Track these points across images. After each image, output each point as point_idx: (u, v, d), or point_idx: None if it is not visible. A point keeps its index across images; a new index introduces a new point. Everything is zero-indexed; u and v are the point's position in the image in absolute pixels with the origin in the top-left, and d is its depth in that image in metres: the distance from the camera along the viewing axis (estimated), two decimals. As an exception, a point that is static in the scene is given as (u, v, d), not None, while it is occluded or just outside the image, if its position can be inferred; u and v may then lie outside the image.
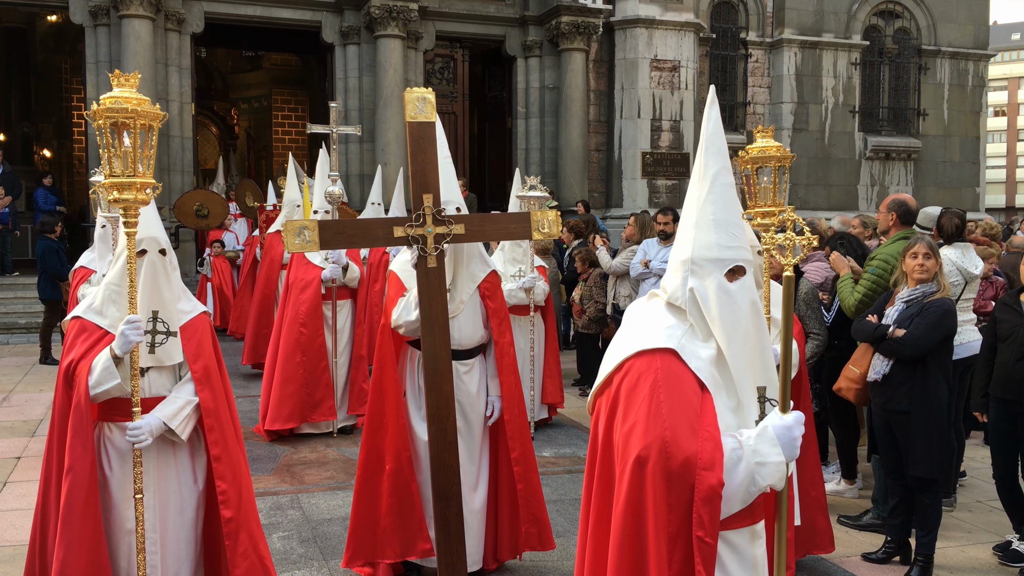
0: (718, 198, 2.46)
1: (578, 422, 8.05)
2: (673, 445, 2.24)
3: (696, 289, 2.42)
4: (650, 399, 2.30)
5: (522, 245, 7.65)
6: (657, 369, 2.34)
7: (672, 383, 2.32)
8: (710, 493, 2.23)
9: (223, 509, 3.52)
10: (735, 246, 2.44)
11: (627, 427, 2.32)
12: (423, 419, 4.23)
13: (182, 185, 14.59)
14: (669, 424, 2.26)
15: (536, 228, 4.36)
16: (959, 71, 19.45)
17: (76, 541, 3.25)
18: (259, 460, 6.71)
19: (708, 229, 2.44)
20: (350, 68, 15.33)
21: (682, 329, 2.43)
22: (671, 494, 2.25)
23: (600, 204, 16.55)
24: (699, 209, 2.47)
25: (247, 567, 3.55)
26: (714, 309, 2.39)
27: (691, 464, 2.23)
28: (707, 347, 2.40)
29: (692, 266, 2.44)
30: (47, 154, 21.67)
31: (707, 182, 2.48)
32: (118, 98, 3.24)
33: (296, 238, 3.99)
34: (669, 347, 2.38)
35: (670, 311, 2.48)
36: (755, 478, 2.31)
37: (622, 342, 2.51)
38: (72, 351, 3.43)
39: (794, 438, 2.35)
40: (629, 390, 2.36)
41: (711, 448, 2.26)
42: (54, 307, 10.67)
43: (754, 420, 2.41)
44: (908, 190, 18.53)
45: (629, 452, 2.29)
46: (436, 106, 4.29)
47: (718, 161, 2.49)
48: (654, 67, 16.18)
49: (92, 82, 13.74)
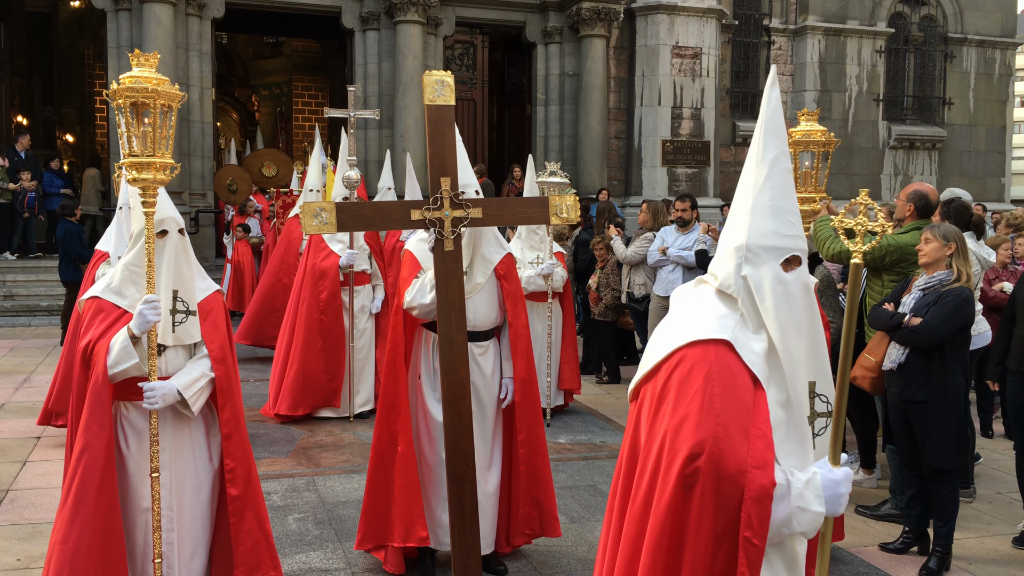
0: (776, 184, 2.37)
1: (594, 409, 8.03)
2: (725, 441, 2.16)
3: (750, 277, 2.33)
4: (703, 392, 2.21)
5: (539, 232, 7.63)
6: (711, 361, 2.25)
7: (726, 377, 2.23)
8: (761, 493, 2.15)
9: (230, 487, 3.57)
10: (792, 234, 2.35)
11: (677, 420, 2.23)
12: (438, 401, 4.23)
13: (202, 170, 14.67)
14: (722, 420, 2.18)
15: (554, 213, 4.34)
16: (986, 59, 19.17)
17: (90, 521, 3.27)
18: (276, 443, 6.74)
19: (765, 216, 2.35)
20: (370, 54, 15.31)
21: (734, 319, 2.33)
22: (720, 492, 2.16)
23: (619, 192, 16.47)
24: (755, 194, 2.37)
25: (252, 544, 3.60)
26: (769, 300, 2.30)
27: (743, 462, 2.16)
28: (759, 339, 2.31)
29: (747, 253, 2.34)
30: (70, 139, 21.85)
31: (765, 166, 2.38)
32: (138, 78, 3.25)
33: (314, 219, 3.98)
34: (724, 338, 2.29)
35: (720, 299, 2.39)
36: (792, 521, 2.23)
37: (671, 329, 2.40)
38: (90, 331, 3.44)
39: (840, 495, 2.27)
40: (680, 381, 2.26)
41: (763, 447, 2.18)
42: (75, 289, 10.74)
43: (805, 416, 2.33)
44: (932, 180, 18.31)
45: (679, 446, 2.20)
46: (455, 93, 4.26)
47: (777, 145, 2.40)
48: (675, 54, 16.06)
49: (113, 67, 13.82)
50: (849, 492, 2.31)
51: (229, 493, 3.57)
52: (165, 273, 3.46)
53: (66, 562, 3.25)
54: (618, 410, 8.00)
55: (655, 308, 8.24)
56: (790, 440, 2.29)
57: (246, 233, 13.13)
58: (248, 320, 9.80)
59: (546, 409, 7.33)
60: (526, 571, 4.50)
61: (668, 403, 2.28)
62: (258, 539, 3.63)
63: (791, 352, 2.30)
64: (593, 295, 9.15)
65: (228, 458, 3.57)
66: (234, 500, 3.57)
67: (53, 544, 3.31)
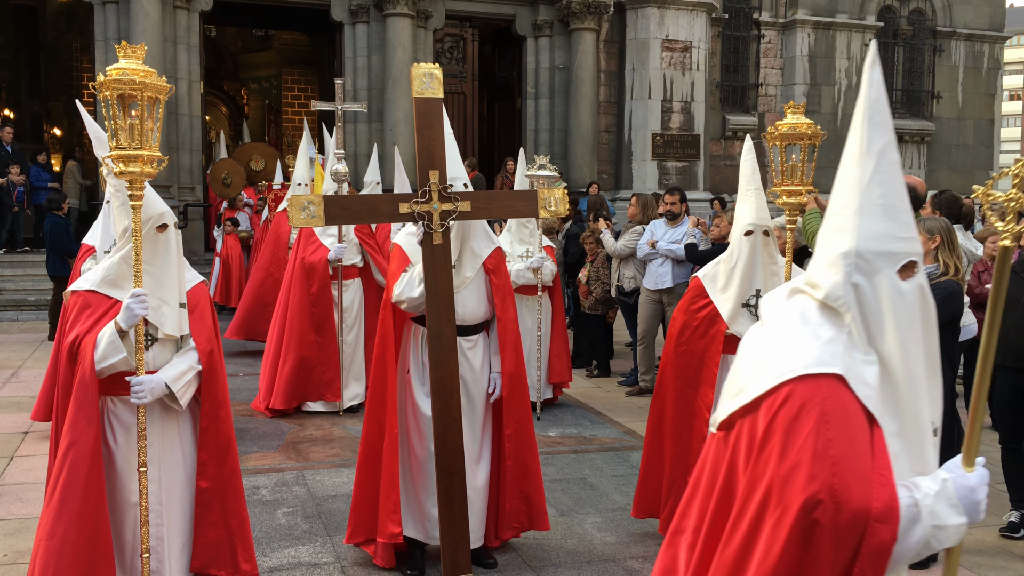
0: (886, 179, 2.08)
1: (584, 402, 8.04)
2: (843, 493, 1.91)
3: (862, 288, 2.05)
4: (816, 437, 1.95)
5: (529, 225, 7.63)
6: (823, 400, 1.97)
7: (841, 418, 1.97)
8: (880, 549, 1.92)
9: (199, 479, 3.58)
10: (908, 237, 2.06)
11: (787, 467, 1.97)
12: (427, 395, 4.22)
13: (191, 164, 14.59)
14: (839, 468, 1.92)
15: (543, 206, 4.34)
16: (974, 53, 19.24)
17: (77, 518, 3.24)
18: (265, 437, 6.73)
19: (876, 216, 2.06)
20: (359, 47, 15.25)
21: (842, 341, 2.05)
22: (838, 548, 1.93)
23: (609, 186, 16.47)
24: (863, 191, 2.07)
25: (213, 537, 3.60)
26: (886, 313, 2.04)
27: (863, 515, 1.92)
28: (869, 362, 2.05)
29: (857, 260, 2.05)
30: (57, 133, 21.70)
31: (872, 159, 2.09)
32: (125, 69, 3.22)
33: (301, 213, 3.97)
34: (835, 372, 2.01)
35: (824, 315, 2.10)
36: (931, 543, 1.98)
37: (770, 354, 2.11)
38: (76, 327, 3.41)
39: (978, 502, 2.01)
40: (788, 423, 1.99)
41: (887, 497, 1.93)
42: (63, 284, 10.70)
43: (926, 441, 2.09)
44: (920, 173, 18.38)
45: (790, 499, 1.94)
46: (445, 86, 4.25)
47: (883, 134, 2.12)
48: (665, 47, 16.05)
49: (101, 60, 13.72)
50: (986, 496, 2.05)
51: (198, 485, 3.58)
52: (176, 265, 3.51)
53: (52, 558, 3.22)
54: (608, 403, 8.02)
55: (644, 301, 8.25)
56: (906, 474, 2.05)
57: (235, 227, 13.08)
58: (240, 315, 9.78)
59: (536, 403, 7.34)
60: (515, 564, 4.50)
61: (774, 447, 2.00)
62: (220, 534, 3.61)
63: (910, 371, 2.05)
64: (583, 289, 9.15)
65: (202, 450, 3.58)
66: (202, 492, 3.58)
67: (39, 540, 3.29)
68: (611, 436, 6.97)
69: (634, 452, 6.49)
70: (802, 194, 4.26)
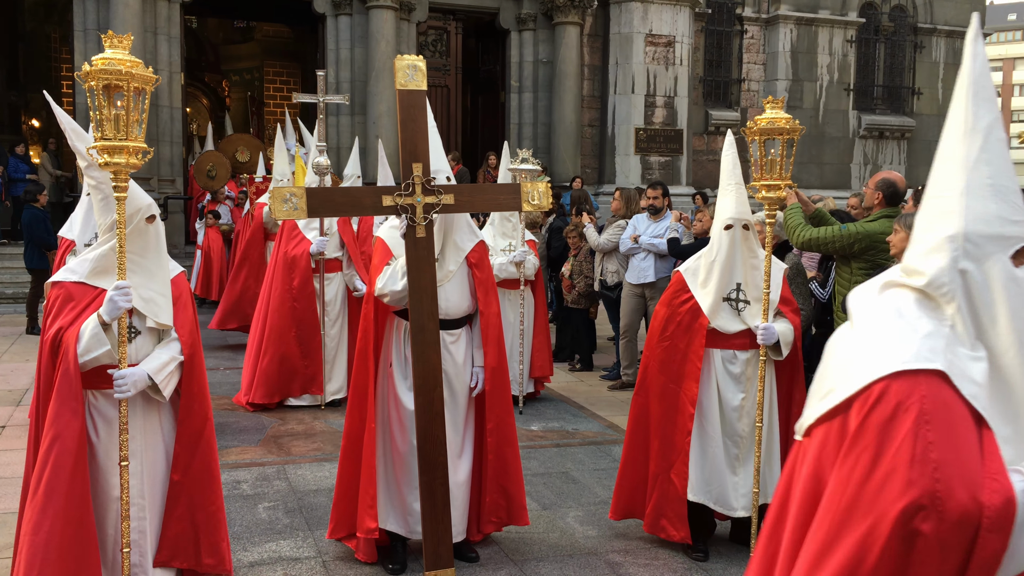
0: (995, 157, 1.93)
1: (567, 396, 8.05)
2: (948, 500, 1.71)
3: (972, 274, 1.88)
4: (914, 439, 1.76)
5: (512, 219, 7.61)
6: (922, 398, 1.79)
7: (943, 418, 1.78)
8: (991, 560, 1.74)
9: (173, 472, 3.57)
10: (1021, 220, 1.91)
11: (881, 474, 1.78)
12: (409, 389, 4.21)
13: (171, 156, 14.48)
14: (942, 473, 1.73)
15: (526, 199, 4.33)
16: (955, 50, 19.37)
17: (63, 512, 3.22)
18: (246, 431, 6.69)
19: (985, 197, 1.91)
20: (342, 39, 15.17)
21: (943, 335, 1.87)
22: (944, 560, 1.75)
23: (593, 180, 16.48)
24: (969, 171, 1.93)
25: (178, 531, 3.58)
26: (998, 303, 1.87)
27: (969, 523, 1.73)
28: (976, 358, 1.87)
29: (966, 244, 1.89)
30: (35, 124, 21.47)
31: (979, 136, 1.94)
32: (111, 59, 3.21)
33: (284, 205, 3.95)
34: (936, 368, 1.82)
35: (922, 306, 1.92)
36: None
37: (861, 352, 1.92)
38: (58, 319, 3.38)
39: None
40: (881, 424, 1.80)
41: (1000, 504, 1.73)
42: (41, 276, 10.61)
43: None
44: (901, 169, 18.49)
45: (886, 506, 1.76)
46: (429, 80, 4.24)
47: (990, 110, 1.96)
48: (649, 42, 16.07)
49: (80, 50, 13.58)
50: None
51: (171, 478, 3.56)
52: (165, 256, 3.52)
53: (38, 553, 3.20)
54: (590, 398, 8.03)
55: (627, 296, 8.26)
56: None
57: (216, 220, 13.00)
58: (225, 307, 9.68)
59: (518, 397, 7.34)
60: (498, 558, 4.50)
61: (864, 450, 1.82)
62: (185, 528, 3.59)
63: (1020, 371, 1.86)
64: (566, 283, 9.16)
65: (176, 443, 3.57)
66: (173, 485, 3.56)
67: (24, 535, 3.26)
68: (593, 430, 6.98)
69: (616, 446, 6.50)
70: (781, 188, 4.28)
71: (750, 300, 4.46)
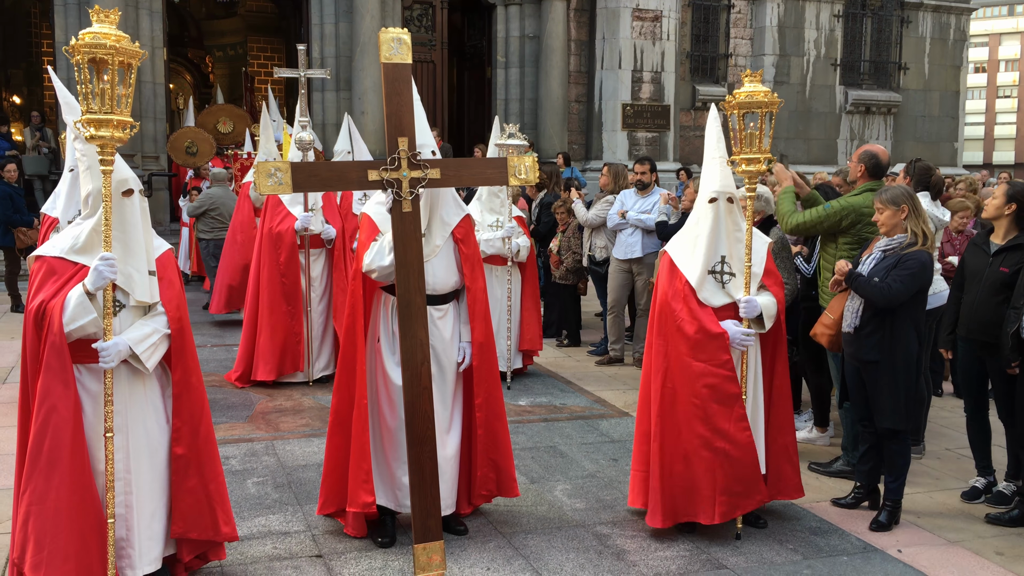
0: None
1: (554, 372, 8.07)
2: None
3: None
4: None
5: (500, 195, 7.59)
6: None
7: None
8: None
9: (174, 446, 3.61)
10: None
11: None
12: (397, 364, 4.21)
13: (155, 132, 14.36)
14: None
15: (513, 174, 4.31)
16: (941, 25, 19.37)
17: (67, 481, 3.27)
18: (234, 408, 6.69)
19: None
20: (326, 14, 15.03)
21: None
22: None
23: (580, 156, 16.45)
24: None
25: (192, 503, 3.63)
26: None
27: None
28: None
29: None
30: (17, 101, 21.22)
31: None
32: (97, 34, 3.24)
33: (268, 179, 3.92)
34: None
35: None
36: None
37: None
38: (41, 292, 3.38)
39: None
40: None
41: None
42: (9, 254, 10.60)
43: None
44: (887, 144, 18.53)
45: None
46: (414, 55, 4.20)
47: None
48: (636, 17, 15.98)
49: (61, 25, 13.38)
50: None
51: (173, 452, 3.60)
52: (143, 230, 3.52)
53: (47, 521, 3.26)
54: (578, 372, 8.06)
55: (614, 271, 8.27)
56: None
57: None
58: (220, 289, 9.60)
59: (506, 372, 7.35)
60: (486, 531, 4.53)
61: None
62: (199, 498, 3.65)
63: None
64: (554, 258, 9.16)
65: (175, 417, 3.60)
66: (177, 459, 3.60)
67: (28, 505, 3.30)
68: (581, 405, 7.01)
69: (603, 420, 6.54)
70: (760, 162, 4.28)
71: (735, 272, 4.47)
